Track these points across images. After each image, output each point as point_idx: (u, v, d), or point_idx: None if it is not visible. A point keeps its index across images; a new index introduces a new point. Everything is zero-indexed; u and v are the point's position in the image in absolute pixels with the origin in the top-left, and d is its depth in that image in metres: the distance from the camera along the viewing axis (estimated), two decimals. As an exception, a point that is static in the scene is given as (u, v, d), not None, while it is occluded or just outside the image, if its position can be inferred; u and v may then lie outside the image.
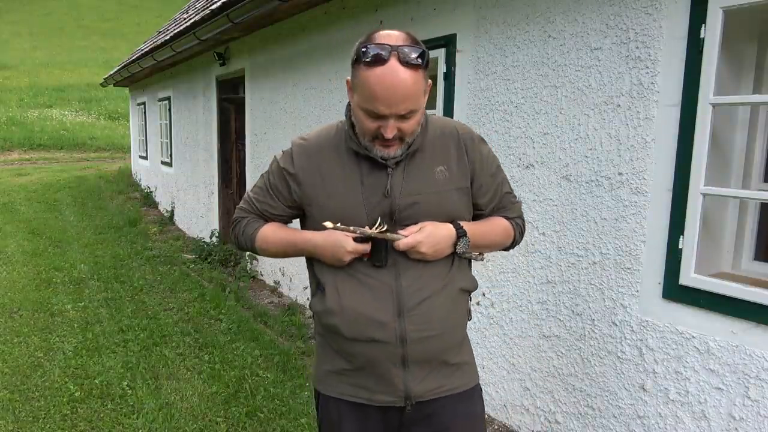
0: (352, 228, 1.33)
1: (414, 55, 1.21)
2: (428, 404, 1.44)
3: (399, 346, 1.38)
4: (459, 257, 1.44)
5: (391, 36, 1.23)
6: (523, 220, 1.59)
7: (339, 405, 1.48)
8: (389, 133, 1.28)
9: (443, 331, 1.42)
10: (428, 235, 1.33)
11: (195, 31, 5.54)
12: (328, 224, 1.33)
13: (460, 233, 1.38)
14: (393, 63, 1.20)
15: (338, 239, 1.35)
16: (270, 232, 1.51)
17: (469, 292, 1.51)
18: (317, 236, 1.41)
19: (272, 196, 1.50)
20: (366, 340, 1.39)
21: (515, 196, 1.58)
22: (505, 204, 1.54)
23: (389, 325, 1.37)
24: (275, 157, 1.51)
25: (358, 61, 1.24)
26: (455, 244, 1.38)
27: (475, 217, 1.50)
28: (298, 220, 1.56)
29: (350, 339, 1.41)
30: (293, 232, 1.50)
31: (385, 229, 1.34)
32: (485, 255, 1.54)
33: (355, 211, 1.38)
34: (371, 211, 1.37)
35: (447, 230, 1.37)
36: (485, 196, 1.47)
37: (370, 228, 1.34)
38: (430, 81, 1.34)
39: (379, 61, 1.20)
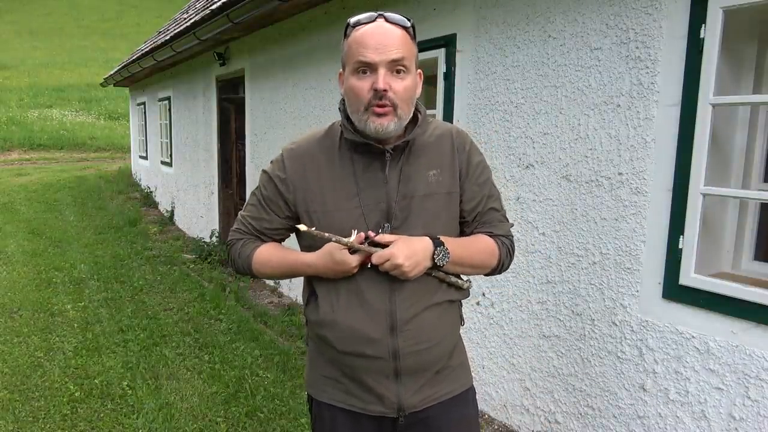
0: (327, 235, 1.27)
1: (400, 18, 1.29)
2: (421, 412, 1.43)
3: (391, 360, 1.36)
4: (443, 280, 1.39)
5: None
6: (512, 242, 1.50)
7: (332, 411, 1.46)
8: (381, 83, 1.24)
9: (436, 343, 1.40)
10: (401, 247, 1.27)
11: (195, 31, 5.55)
12: (302, 227, 1.28)
13: (437, 243, 1.32)
14: (380, 20, 1.29)
15: (340, 259, 1.30)
16: (266, 254, 1.45)
17: (459, 301, 1.48)
18: (314, 258, 1.36)
19: (267, 210, 1.44)
20: (357, 354, 1.37)
21: (505, 218, 1.50)
22: (490, 220, 1.46)
23: (382, 342, 1.34)
24: (264, 169, 1.47)
25: (346, 34, 1.31)
26: (433, 256, 1.31)
27: (459, 225, 1.47)
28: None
29: (341, 352, 1.39)
30: (290, 253, 1.44)
31: (363, 239, 1.30)
32: (470, 280, 1.47)
33: (351, 212, 1.35)
34: (369, 209, 1.34)
35: (421, 242, 1.30)
36: (469, 203, 1.42)
37: (349, 237, 1.29)
38: (421, 71, 1.37)
39: (368, 20, 1.28)
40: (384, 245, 1.29)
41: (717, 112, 2.04)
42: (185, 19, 7.11)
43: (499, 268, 1.48)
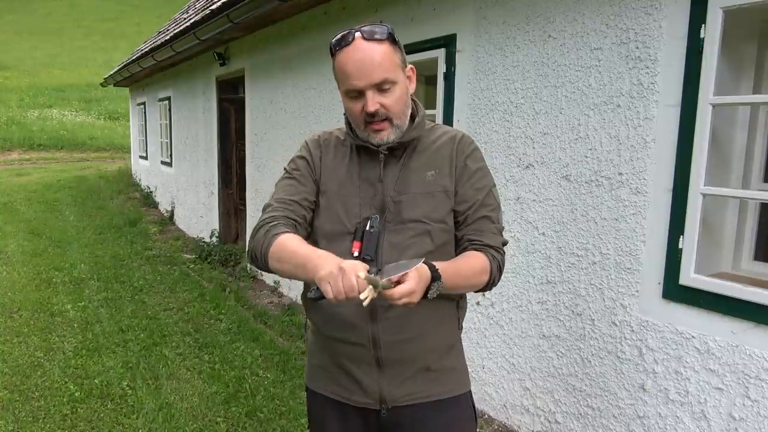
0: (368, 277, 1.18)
1: (376, 31, 1.32)
2: (408, 410, 1.41)
3: (371, 348, 1.37)
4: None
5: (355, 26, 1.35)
6: (503, 257, 1.44)
7: (323, 401, 1.50)
8: (371, 106, 1.31)
9: (420, 334, 1.38)
10: (418, 282, 1.20)
11: (195, 31, 5.55)
12: (362, 274, 1.16)
13: (435, 276, 1.26)
14: (358, 40, 1.31)
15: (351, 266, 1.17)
16: (293, 238, 1.34)
17: (450, 297, 1.43)
18: (326, 255, 1.25)
19: (302, 183, 1.44)
20: (341, 340, 1.41)
21: (500, 232, 1.45)
22: (482, 228, 1.41)
23: (361, 328, 1.37)
24: (293, 157, 1.54)
25: (332, 53, 1.36)
26: (428, 288, 1.24)
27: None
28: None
29: (327, 337, 1.44)
30: (314, 248, 1.32)
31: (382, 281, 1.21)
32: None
33: (351, 200, 1.41)
34: (366, 201, 1.40)
35: (426, 273, 1.24)
36: (461, 204, 1.41)
37: (373, 275, 1.20)
38: (412, 66, 1.41)
39: (345, 42, 1.32)
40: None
41: (717, 112, 2.04)
42: (185, 19, 7.11)
43: (490, 285, 1.42)
